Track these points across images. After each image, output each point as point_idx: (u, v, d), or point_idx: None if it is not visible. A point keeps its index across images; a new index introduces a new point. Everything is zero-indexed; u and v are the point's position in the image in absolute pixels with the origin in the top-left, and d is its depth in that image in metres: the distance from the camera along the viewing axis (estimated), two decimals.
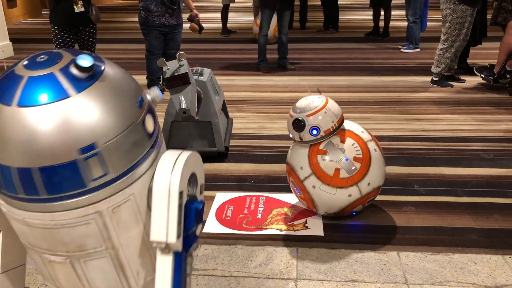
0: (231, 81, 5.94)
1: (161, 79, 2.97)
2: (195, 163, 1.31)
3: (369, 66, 6.51)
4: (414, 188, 3.22)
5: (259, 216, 2.91)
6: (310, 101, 2.62)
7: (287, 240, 2.64)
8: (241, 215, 2.93)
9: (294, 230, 2.77)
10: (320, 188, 2.57)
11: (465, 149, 3.84)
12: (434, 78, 5.49)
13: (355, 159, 2.57)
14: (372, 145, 2.64)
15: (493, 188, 3.17)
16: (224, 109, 4.21)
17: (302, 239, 2.64)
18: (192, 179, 1.30)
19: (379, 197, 2.82)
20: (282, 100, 4.92)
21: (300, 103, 2.63)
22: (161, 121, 3.68)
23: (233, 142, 4.02)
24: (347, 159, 2.55)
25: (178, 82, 3.11)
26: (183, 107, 3.06)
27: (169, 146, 3.66)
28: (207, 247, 2.56)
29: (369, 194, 2.59)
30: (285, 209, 2.98)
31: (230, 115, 4.50)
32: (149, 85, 5.46)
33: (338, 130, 2.58)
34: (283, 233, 2.73)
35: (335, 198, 2.58)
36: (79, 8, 4.50)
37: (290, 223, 2.83)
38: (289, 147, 2.81)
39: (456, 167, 3.52)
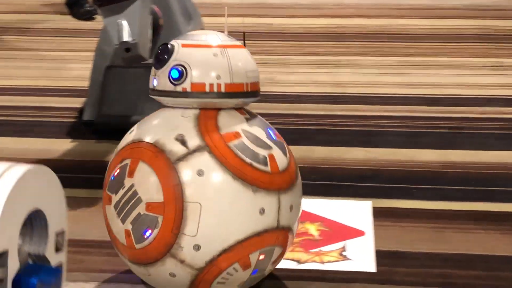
0: None
1: None
2: (41, 190, 1.11)
3: None
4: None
5: None
6: (208, 33, 2.05)
7: (309, 280, 2.11)
8: None
9: (323, 263, 2.25)
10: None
11: None
12: None
13: (150, 208, 1.63)
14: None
15: None
16: None
17: (337, 278, 2.15)
18: (37, 222, 1.12)
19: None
20: None
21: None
22: (89, 66, 3.29)
23: None
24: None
25: None
26: (125, 39, 2.61)
27: (103, 112, 2.91)
28: None
29: (217, 262, 1.62)
30: (308, 226, 2.53)
31: None
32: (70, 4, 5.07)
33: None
34: (301, 266, 2.21)
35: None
36: None
37: (316, 250, 2.37)
38: None
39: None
